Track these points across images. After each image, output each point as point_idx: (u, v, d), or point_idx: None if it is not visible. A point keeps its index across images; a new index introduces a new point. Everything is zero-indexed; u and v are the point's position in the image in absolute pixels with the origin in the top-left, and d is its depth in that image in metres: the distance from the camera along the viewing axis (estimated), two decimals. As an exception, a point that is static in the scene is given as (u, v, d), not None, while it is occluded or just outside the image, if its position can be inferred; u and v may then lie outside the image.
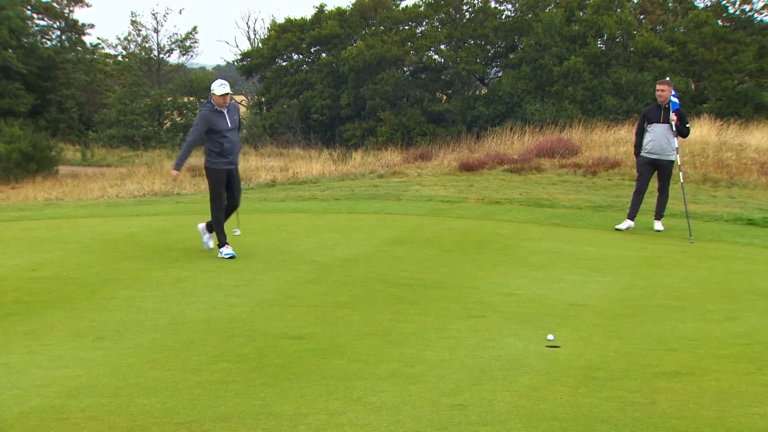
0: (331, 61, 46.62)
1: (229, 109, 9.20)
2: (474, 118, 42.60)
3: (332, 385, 5.01)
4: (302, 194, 16.68)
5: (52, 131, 47.17)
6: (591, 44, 41.74)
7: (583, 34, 41.88)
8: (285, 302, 7.33)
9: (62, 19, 53.44)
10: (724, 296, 7.98)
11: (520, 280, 8.53)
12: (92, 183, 26.90)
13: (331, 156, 31.90)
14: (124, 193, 22.19)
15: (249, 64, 51.05)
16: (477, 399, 4.78)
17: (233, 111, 9.26)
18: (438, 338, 6.21)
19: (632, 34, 41.32)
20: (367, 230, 11.58)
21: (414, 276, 8.61)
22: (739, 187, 16.56)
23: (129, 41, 55.65)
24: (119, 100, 49.45)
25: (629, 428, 4.34)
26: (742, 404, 4.72)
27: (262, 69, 51.19)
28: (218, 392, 4.90)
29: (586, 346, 6.08)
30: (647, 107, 12.38)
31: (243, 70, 51.87)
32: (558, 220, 12.98)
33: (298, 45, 49.59)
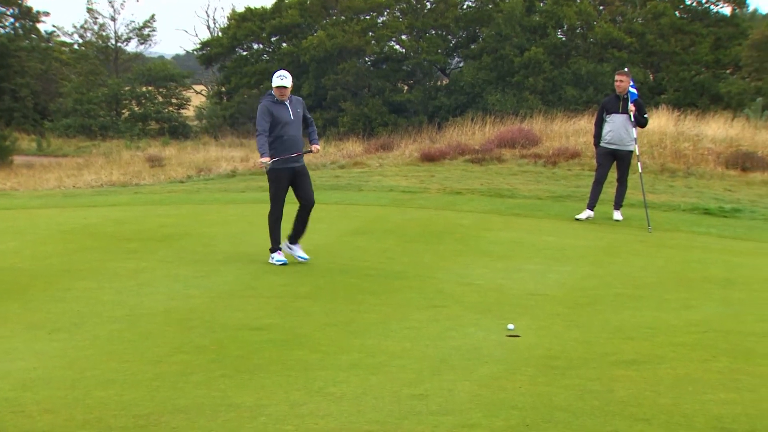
0: (291, 51, 46.37)
1: (292, 102, 8.59)
2: (435, 108, 42.70)
3: (293, 376, 5.00)
4: (263, 185, 16.55)
5: (6, 120, 46.32)
6: (551, 35, 42.05)
7: (543, 24, 42.16)
8: (245, 293, 7.30)
9: (16, 6, 52.42)
10: (681, 285, 8.11)
11: (481, 270, 8.58)
12: (48, 173, 26.48)
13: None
14: (81, 184, 21.88)
15: (208, 53, 50.58)
16: (437, 389, 4.80)
17: (297, 104, 8.63)
18: (399, 328, 6.22)
19: (592, 24, 41.70)
20: (328, 221, 11.56)
21: (375, 266, 8.62)
22: (696, 177, 16.82)
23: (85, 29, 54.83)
24: (75, 89, 48.70)
25: (587, 416, 4.39)
26: (697, 391, 4.80)
27: (222, 58, 50.75)
28: (177, 384, 4.86)
29: (545, 336, 6.14)
30: (606, 98, 12.50)
31: (202, 59, 51.37)
32: (518, 210, 13.08)
33: (258, 34, 49.24)
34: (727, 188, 15.85)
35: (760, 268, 9.14)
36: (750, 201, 14.56)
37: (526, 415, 4.39)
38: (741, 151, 18.06)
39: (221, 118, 47.79)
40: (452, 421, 4.31)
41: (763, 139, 19.45)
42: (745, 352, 5.70)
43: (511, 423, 4.28)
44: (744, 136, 19.60)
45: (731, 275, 8.64)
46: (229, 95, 50.10)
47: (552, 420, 4.33)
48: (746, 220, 12.89)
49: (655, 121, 20.63)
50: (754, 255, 10.15)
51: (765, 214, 13.23)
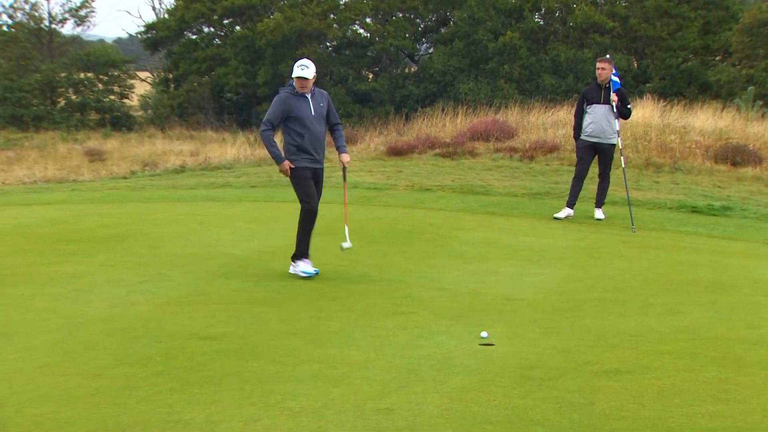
0: (246, 35, 46.11)
1: (314, 95, 8.26)
2: (403, 98, 42.76)
3: (247, 390, 4.99)
4: (215, 181, 16.52)
5: (-73, 110, 45.57)
6: (528, 18, 42.30)
7: (519, 7, 42.41)
8: (195, 299, 7.26)
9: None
10: (667, 289, 8.21)
11: (452, 273, 8.61)
12: (-25, 168, 26.09)
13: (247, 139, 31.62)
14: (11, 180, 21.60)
15: (154, 37, 50.12)
16: (405, 402, 4.82)
17: (320, 98, 8.29)
18: (363, 337, 6.23)
19: (571, 7, 42.02)
20: (287, 220, 11.51)
21: (337, 269, 8.62)
22: (683, 172, 17.04)
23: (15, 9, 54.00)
24: (5, 75, 47.98)
25: (567, 431, 4.44)
26: (683, 403, 4.87)
27: (169, 43, 50.32)
28: (119, 399, 4.82)
29: (521, 344, 6.19)
30: (587, 87, 12.62)
31: (147, 43, 50.89)
32: (493, 209, 13.15)
33: (208, 16, 48.88)
34: (717, 184, 16.08)
35: (751, 270, 9.28)
36: (741, 198, 14.79)
37: (501, 430, 4.42)
38: (731, 145, 18.34)
39: (169, 108, 47.39)
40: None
41: (755, 131, 19.77)
42: (735, 360, 5.79)
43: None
44: (734, 128, 19.91)
45: (721, 278, 8.76)
46: (177, 83, 49.70)
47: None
48: (736, 218, 13.09)
49: (639, 111, 20.87)
50: (745, 256, 10.31)
51: (756, 213, 13.44)
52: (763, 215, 13.30)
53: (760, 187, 16.10)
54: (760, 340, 6.39)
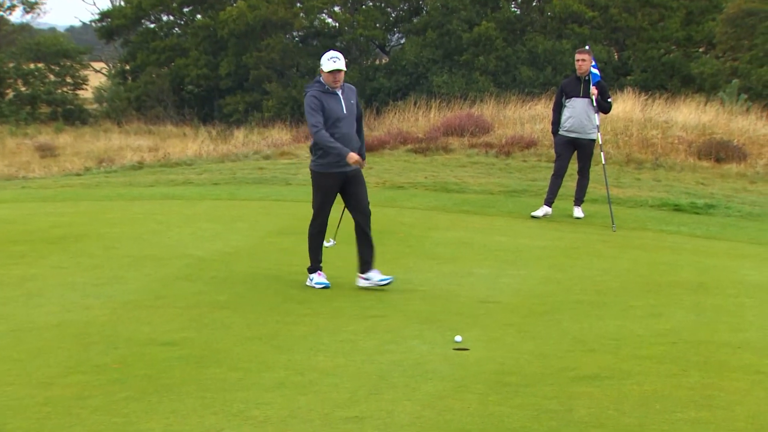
0: (207, 24, 45.87)
1: (344, 91, 7.87)
2: (373, 90, 42.74)
3: (209, 398, 4.97)
4: (175, 178, 16.43)
5: None
6: (504, 8, 42.44)
7: (495, -4, 42.54)
8: (153, 303, 7.22)
9: None
10: (648, 290, 8.28)
11: (425, 275, 8.63)
12: None
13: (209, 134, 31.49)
14: (-42, 177, 21.32)
15: (109, 25, 49.69)
16: (375, 410, 4.82)
17: (350, 94, 7.93)
18: (331, 342, 6.23)
19: (550, -3, 42.21)
20: (251, 219, 11.50)
21: (304, 271, 8.60)
22: (665, 168, 17.19)
23: (-38, -4, 53.37)
24: (-51, 65, 47.40)
25: (544, 438, 4.46)
26: (665, 409, 4.92)
27: (126, 32, 49.91)
28: (72, 410, 4.79)
29: (497, 348, 6.22)
30: (565, 80, 12.69)
31: (102, 32, 50.43)
32: (468, 207, 13.19)
33: (167, 4, 48.56)
34: (700, 181, 16.24)
35: (735, 271, 9.38)
36: (725, 196, 14.95)
37: (476, 439, 4.43)
38: (715, 140, 18.51)
39: (125, 101, 47.02)
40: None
41: (739, 126, 19.98)
42: (718, 365, 5.86)
43: (459, 448, 4.33)
44: (718, 123, 20.11)
45: (704, 279, 8.85)
46: (135, 74, 49.32)
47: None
48: (720, 217, 13.23)
49: (620, 105, 21.01)
50: (729, 256, 10.43)
51: (741, 211, 13.60)
52: (747, 213, 13.46)
53: (744, 184, 16.28)
54: (744, 343, 6.47)
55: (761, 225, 12.79)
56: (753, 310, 7.65)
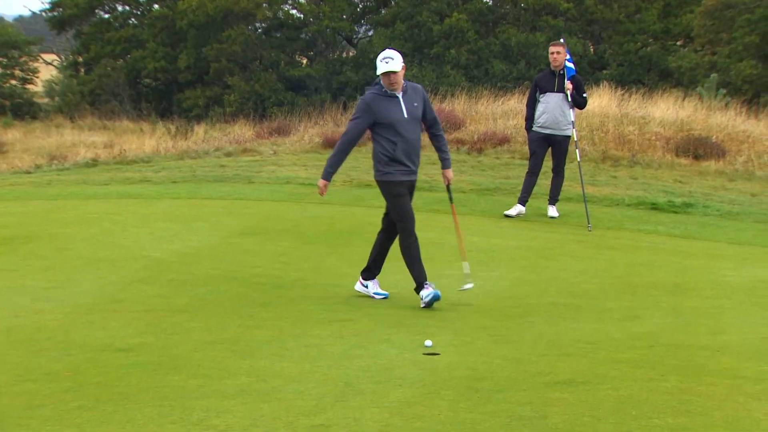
0: (165, 14, 45.62)
1: (407, 93, 7.55)
2: (340, 85, 42.71)
3: (167, 406, 4.94)
4: (131, 176, 16.32)
5: None
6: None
7: (467, -14, 42.68)
8: (109, 307, 7.18)
9: None
10: (625, 292, 8.35)
11: (394, 277, 8.63)
12: None
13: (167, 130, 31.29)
14: None
15: (61, 15, 49.27)
16: (341, 417, 4.83)
17: (414, 95, 7.59)
18: (296, 347, 6.22)
19: (523, -13, 42.44)
20: (212, 219, 11.46)
21: (268, 273, 8.60)
22: (642, 166, 17.33)
23: None
24: None
25: (517, 445, 4.49)
26: (641, 415, 4.96)
27: (78, 22, 49.53)
28: (22, 420, 4.75)
29: (469, 353, 6.24)
30: (539, 74, 12.77)
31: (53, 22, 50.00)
32: (438, 206, 13.21)
33: (124, -7, 48.30)
34: (678, 179, 16.39)
35: (713, 272, 9.48)
36: (703, 194, 15.10)
37: (446, 447, 4.45)
38: (693, 136, 18.70)
39: (78, 94, 46.66)
40: (359, 455, 4.34)
41: (718, 121, 20.18)
42: (696, 369, 5.92)
43: (429, 456, 4.34)
44: (696, 119, 20.29)
45: (682, 280, 8.94)
46: (88, 67, 48.93)
47: (476, 451, 4.40)
48: (699, 216, 13.36)
49: (595, 100, 21.15)
50: (708, 256, 10.53)
51: (720, 210, 13.74)
52: (726, 212, 13.60)
53: (723, 182, 16.46)
54: (722, 346, 6.54)
55: (740, 224, 12.94)
56: (732, 312, 7.74)
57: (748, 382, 5.61)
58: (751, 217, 13.46)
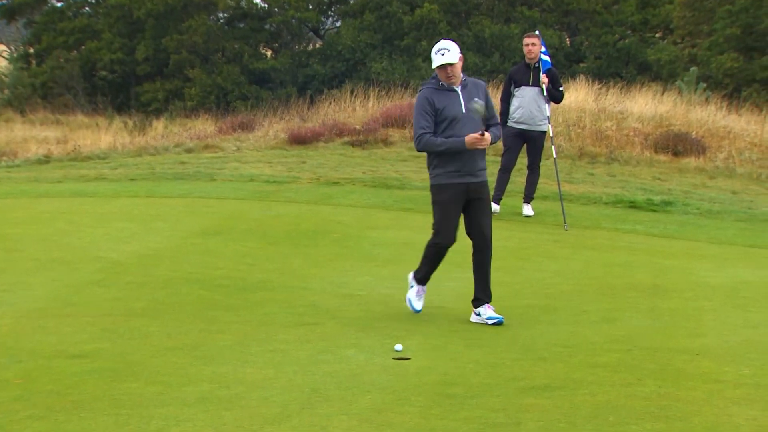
0: (122, 3, 45.33)
1: (466, 87, 7.23)
2: (307, 78, 42.66)
3: (124, 415, 4.92)
4: (86, 173, 16.21)
5: None
6: (448, -11, 42.67)
7: (438, -24, 42.74)
8: (62, 311, 7.14)
9: None
10: (602, 294, 8.41)
11: (363, 278, 8.65)
12: None
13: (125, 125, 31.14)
14: None
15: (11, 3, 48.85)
16: (307, 425, 4.82)
17: (474, 90, 7.24)
18: (260, 352, 6.21)
19: (497, -23, 42.60)
20: (172, 218, 11.42)
21: (231, 275, 8.57)
22: (620, 163, 17.45)
23: None
24: None
25: (491, 453, 4.51)
26: (619, 421, 4.99)
27: (29, 11, 49.13)
28: (-29, 430, 4.71)
29: (440, 358, 6.25)
30: (514, 67, 12.81)
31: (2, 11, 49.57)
32: (409, 205, 13.23)
33: (77, -19, 47.96)
34: (657, 176, 16.52)
35: (693, 273, 9.57)
36: (683, 192, 15.23)
37: (417, 455, 4.46)
38: (672, 132, 18.84)
39: (30, 87, 46.27)
40: (326, 465, 4.34)
41: (698, 117, 20.35)
42: (674, 373, 5.97)
43: (399, 465, 4.35)
44: (676, 114, 20.45)
45: (660, 281, 9.01)
46: (40, 58, 48.53)
47: (448, 460, 4.42)
48: (678, 215, 13.47)
49: (572, 95, 21.27)
50: (687, 257, 10.62)
51: (699, 208, 13.86)
52: (706, 211, 13.73)
53: (703, 179, 16.60)
54: (702, 350, 6.60)
55: (721, 223, 13.06)
56: (712, 314, 7.81)
57: (728, 387, 5.66)
58: (732, 216, 13.59)
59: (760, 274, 9.72)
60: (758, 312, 7.93)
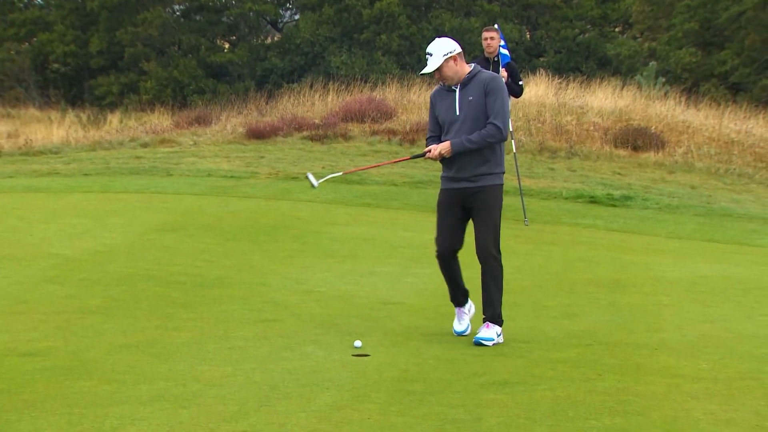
0: (75, -6, 44.90)
1: (467, 86, 6.71)
2: (265, 71, 42.51)
3: (77, 414, 4.88)
4: (39, 168, 16.07)
5: None
6: (408, -18, 42.69)
7: (398, -31, 42.77)
8: (13, 309, 7.08)
9: None
10: (562, 289, 8.47)
11: (323, 275, 8.65)
12: None
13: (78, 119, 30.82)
14: None
15: (-39, -6, 48.21)
16: (265, 423, 4.82)
17: (474, 89, 6.69)
18: (218, 349, 6.19)
19: (457, -30, 42.68)
20: (127, 214, 11.35)
21: (188, 271, 8.54)
22: (581, 157, 17.58)
23: None
24: None
25: (450, 450, 4.52)
26: (578, 416, 5.03)
27: (-20, 2, 48.51)
28: None
29: (400, 354, 6.27)
30: (474, 60, 12.84)
31: (-48, 2, 48.91)
32: (369, 200, 13.27)
33: (28, -30, 47.40)
34: (616, 171, 16.67)
35: (652, 267, 9.67)
36: (642, 187, 15.38)
37: (376, 453, 4.47)
38: (632, 127, 19.03)
39: (-21, 80, 45.70)
40: (284, 463, 4.34)
41: (657, 111, 20.56)
42: (634, 368, 6.03)
43: (358, 463, 4.35)
44: (635, 108, 20.66)
45: (620, 276, 9.10)
46: (-9, 51, 47.96)
47: (407, 457, 4.43)
48: (638, 209, 13.62)
49: (532, 89, 21.40)
50: (647, 252, 10.74)
51: (659, 203, 14.02)
52: (665, 206, 13.88)
53: (662, 174, 16.78)
54: (660, 344, 6.68)
55: (680, 218, 13.21)
56: (670, 309, 7.90)
57: (686, 381, 5.73)
58: (691, 211, 13.75)
59: (718, 268, 9.86)
60: (715, 306, 8.04)
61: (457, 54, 6.71)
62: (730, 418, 5.04)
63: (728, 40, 33.73)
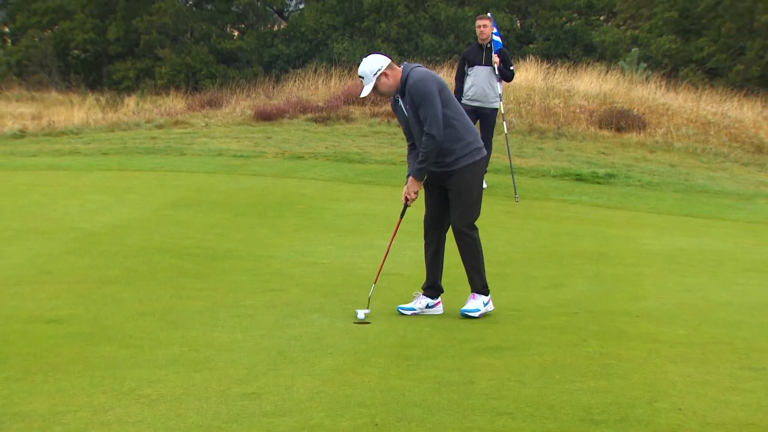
0: (95, -15, 44.66)
1: (404, 96, 6.47)
2: (272, 58, 42.36)
3: (97, 376, 4.89)
4: (61, 148, 16.04)
5: None
6: (406, -27, 42.45)
7: (397, -39, 42.53)
8: (38, 278, 7.08)
9: None
10: (550, 261, 8.48)
11: (326, 247, 8.65)
12: None
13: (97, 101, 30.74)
14: None
15: (-13, -16, 47.96)
16: (273, 386, 4.82)
17: (408, 98, 6.44)
18: (228, 317, 6.20)
19: (452, -37, 42.44)
20: (143, 191, 11.34)
21: (200, 244, 8.54)
22: (567, 138, 17.53)
23: None
24: None
25: (445, 412, 4.53)
26: (564, 379, 5.05)
27: (5, -9, 48.26)
28: (-49, 392, 4.65)
29: (398, 322, 6.28)
30: (468, 47, 12.81)
31: (-21, -8, 48.68)
32: (370, 178, 13.24)
33: (51, -37, 47.12)
34: (601, 151, 16.63)
35: (634, 240, 9.67)
36: (625, 165, 15.35)
37: (376, 413, 4.47)
38: (615, 109, 18.96)
39: (5, 65, 45.49)
40: (290, 422, 4.34)
41: (639, 95, 20.49)
42: (616, 334, 6.04)
43: (359, 422, 4.36)
44: (618, 92, 20.58)
45: (604, 249, 9.10)
46: (15, 38, 47.76)
47: (405, 418, 4.44)
48: (621, 186, 13.59)
49: (522, 74, 21.32)
50: (629, 226, 10.73)
51: (641, 180, 13.99)
52: (646, 183, 13.86)
53: (644, 153, 16.74)
54: (641, 312, 6.69)
55: (660, 194, 13.20)
56: (651, 279, 7.91)
57: (664, 346, 5.74)
58: (670, 187, 13.74)
59: (695, 241, 9.85)
60: (692, 277, 8.05)
61: (386, 67, 6.43)
62: (706, 380, 5.05)
63: (705, 28, 33.60)
